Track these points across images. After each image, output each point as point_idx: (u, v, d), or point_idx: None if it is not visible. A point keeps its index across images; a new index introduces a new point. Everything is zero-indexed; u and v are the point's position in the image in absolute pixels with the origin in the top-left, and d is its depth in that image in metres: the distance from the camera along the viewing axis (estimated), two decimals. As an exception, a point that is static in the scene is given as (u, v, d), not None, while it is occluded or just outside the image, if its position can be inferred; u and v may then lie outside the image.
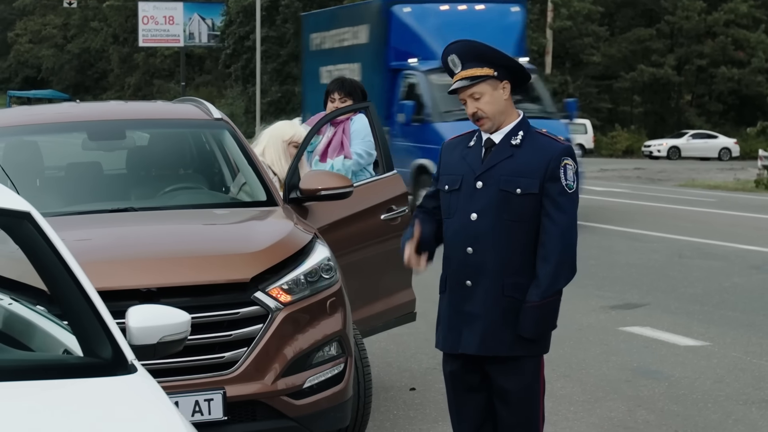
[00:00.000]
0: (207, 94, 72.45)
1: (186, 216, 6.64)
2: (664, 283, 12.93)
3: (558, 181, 4.74)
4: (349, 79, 8.66)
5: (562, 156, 4.79)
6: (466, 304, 4.84)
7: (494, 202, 4.77)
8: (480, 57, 4.79)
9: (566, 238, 4.75)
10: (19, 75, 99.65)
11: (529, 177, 4.75)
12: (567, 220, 4.75)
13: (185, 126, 7.52)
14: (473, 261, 4.80)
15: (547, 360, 8.77)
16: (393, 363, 8.97)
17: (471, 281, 4.82)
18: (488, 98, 4.80)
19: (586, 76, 61.25)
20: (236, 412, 5.66)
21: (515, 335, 4.81)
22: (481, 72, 4.78)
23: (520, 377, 4.88)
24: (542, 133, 4.90)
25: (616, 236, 17.64)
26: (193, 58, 77.58)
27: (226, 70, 71.74)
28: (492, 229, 4.77)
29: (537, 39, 59.56)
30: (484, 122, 4.82)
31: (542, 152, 4.79)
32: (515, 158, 4.79)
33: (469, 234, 4.80)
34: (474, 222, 4.79)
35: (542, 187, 4.75)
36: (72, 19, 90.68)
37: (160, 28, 67.89)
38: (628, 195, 28.20)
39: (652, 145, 56.36)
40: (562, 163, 4.77)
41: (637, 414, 7.51)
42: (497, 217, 4.76)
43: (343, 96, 8.12)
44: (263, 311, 5.72)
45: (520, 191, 4.75)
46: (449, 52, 4.84)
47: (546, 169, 4.75)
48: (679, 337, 9.91)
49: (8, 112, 7.99)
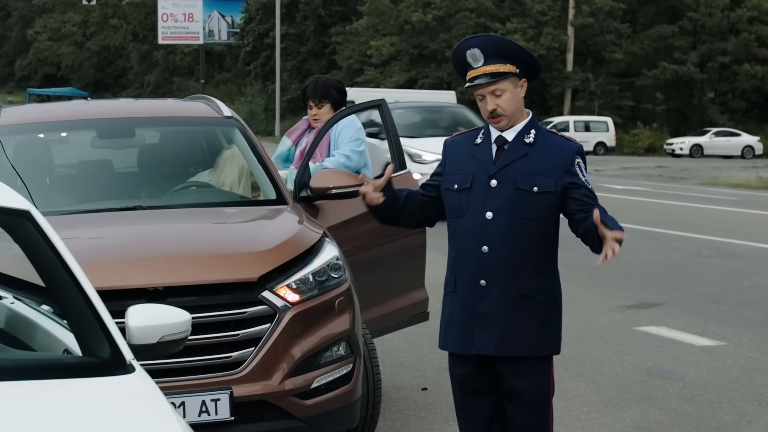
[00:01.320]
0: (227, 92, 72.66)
1: (194, 215, 6.61)
2: (682, 283, 12.85)
3: (578, 177, 4.71)
4: (323, 79, 8.16)
5: (575, 155, 4.76)
6: (481, 304, 4.77)
7: (511, 200, 4.70)
8: (504, 53, 4.72)
9: None
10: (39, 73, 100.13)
11: (545, 175, 4.70)
12: None
13: (195, 124, 7.50)
14: (488, 260, 4.73)
15: (561, 360, 8.78)
16: (405, 362, 8.92)
17: (485, 281, 4.75)
18: (509, 96, 4.73)
19: (607, 74, 61.08)
20: (243, 413, 5.62)
21: (532, 335, 4.76)
22: (504, 68, 4.70)
23: (532, 377, 4.83)
24: (553, 132, 4.88)
25: (635, 235, 17.52)
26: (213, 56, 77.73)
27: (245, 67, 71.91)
28: (509, 228, 4.70)
29: (558, 36, 59.49)
30: (501, 120, 4.76)
31: (557, 151, 4.75)
32: (530, 157, 4.74)
33: (484, 233, 4.73)
34: (490, 221, 4.72)
35: (559, 185, 4.70)
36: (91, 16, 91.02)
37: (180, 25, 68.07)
38: (649, 193, 28.08)
39: (675, 143, 56.13)
40: (576, 161, 4.74)
41: (650, 414, 7.45)
42: (514, 216, 4.70)
43: (317, 101, 7.86)
44: (271, 311, 5.68)
45: (537, 189, 4.70)
46: (469, 45, 4.74)
47: (562, 168, 4.71)
48: (694, 337, 9.84)
49: (18, 109, 7.97)
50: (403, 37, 60.64)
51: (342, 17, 67.40)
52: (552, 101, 62.75)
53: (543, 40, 58.82)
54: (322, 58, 67.82)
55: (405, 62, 60.83)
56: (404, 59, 60.92)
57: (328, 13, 68.27)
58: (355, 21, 64.15)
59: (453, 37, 56.32)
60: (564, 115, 59.10)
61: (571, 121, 55.00)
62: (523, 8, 60.20)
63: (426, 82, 60.31)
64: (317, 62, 67.74)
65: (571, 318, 10.62)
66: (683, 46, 60.69)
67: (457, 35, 56.93)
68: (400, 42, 60.69)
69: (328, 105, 7.85)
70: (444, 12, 59.42)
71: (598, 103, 60.42)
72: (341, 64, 64.28)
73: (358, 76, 61.81)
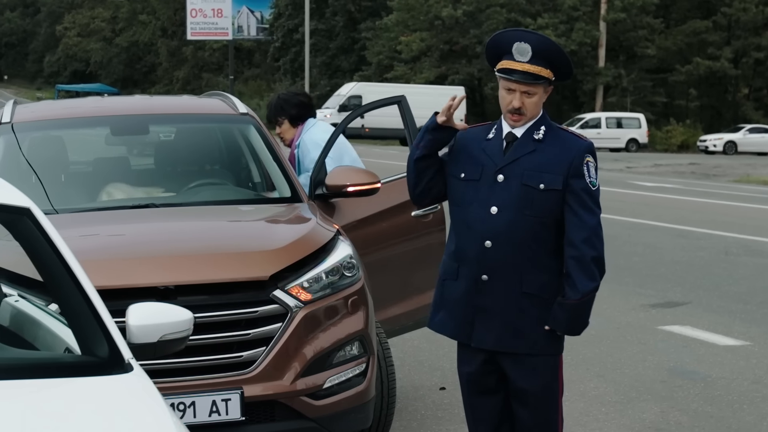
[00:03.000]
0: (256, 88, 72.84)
1: (207, 212, 6.56)
2: (708, 281, 12.72)
3: (582, 177, 4.65)
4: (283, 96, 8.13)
5: (585, 153, 4.70)
6: (481, 298, 4.74)
7: (516, 197, 4.66)
8: (550, 58, 4.68)
9: (597, 237, 4.64)
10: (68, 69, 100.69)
11: (553, 173, 4.65)
12: (595, 220, 4.65)
13: (210, 121, 7.45)
14: (491, 256, 4.69)
15: (582, 359, 8.72)
16: (425, 361, 8.85)
17: (487, 276, 4.71)
18: (537, 99, 4.72)
19: (640, 70, 60.83)
20: (254, 413, 5.56)
21: (534, 333, 4.71)
22: (545, 73, 4.68)
23: (539, 377, 4.78)
24: (564, 129, 4.83)
25: (663, 233, 17.40)
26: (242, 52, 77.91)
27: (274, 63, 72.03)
28: (513, 225, 4.66)
29: (590, 31, 59.27)
30: (521, 119, 4.73)
31: (565, 148, 4.70)
32: (538, 153, 4.69)
33: (488, 228, 4.69)
34: (494, 216, 4.68)
35: (565, 184, 4.64)
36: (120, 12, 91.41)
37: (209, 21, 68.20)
38: (680, 191, 27.89)
39: (708, 140, 55.75)
40: (585, 160, 4.68)
41: (669, 415, 7.36)
42: (519, 213, 4.66)
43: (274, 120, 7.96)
44: (282, 310, 5.61)
45: (543, 187, 4.65)
46: (522, 39, 4.67)
47: (570, 166, 4.66)
48: (718, 337, 9.73)
49: (33, 106, 7.94)
50: (433, 33, 60.56)
51: (372, 12, 67.38)
52: (584, 97, 62.54)
53: (575, 36, 58.62)
54: (352, 54, 67.85)
55: (435, 58, 60.75)
56: (434, 55, 60.84)
57: (358, 8, 68.27)
58: (385, 16, 64.12)
59: (483, 33, 56.22)
60: (596, 111, 58.83)
61: (603, 118, 54.75)
62: (555, 3, 60.00)
63: (456, 78, 60.25)
64: (347, 58, 67.79)
65: (594, 317, 10.45)
66: (717, 41, 60.36)
67: (487, 31, 56.82)
68: (430, 37, 60.61)
69: (285, 121, 7.93)
70: (474, 7, 59.29)
71: (631, 100, 60.16)
72: (371, 59, 64.27)
73: (388, 72, 61.82)
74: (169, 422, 3.30)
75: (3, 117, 7.08)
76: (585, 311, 4.73)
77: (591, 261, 4.61)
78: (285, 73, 70.51)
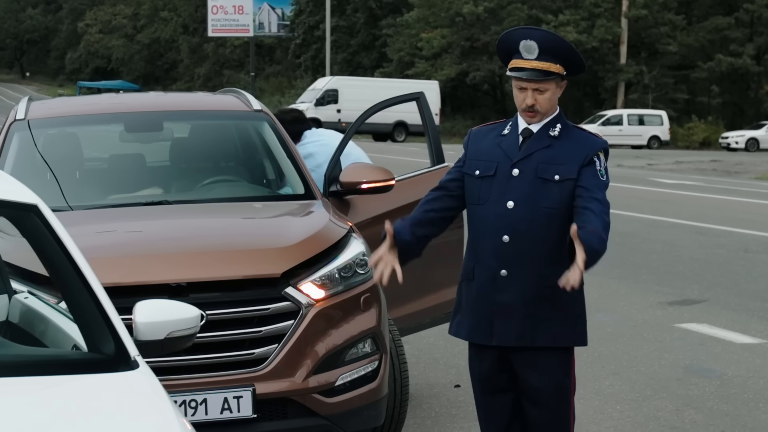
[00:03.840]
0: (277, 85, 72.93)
1: (220, 209, 6.57)
2: (727, 279, 12.66)
3: (593, 166, 4.65)
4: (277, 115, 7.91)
5: (600, 150, 4.71)
6: (500, 294, 4.70)
7: (532, 190, 4.66)
8: (559, 53, 4.66)
9: (605, 218, 4.55)
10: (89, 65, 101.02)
11: (567, 164, 4.65)
12: (602, 205, 4.58)
13: (224, 117, 7.45)
14: (510, 250, 4.67)
15: (598, 357, 8.70)
16: (440, 359, 8.84)
17: (506, 270, 4.69)
18: (550, 95, 4.70)
19: (662, 66, 60.61)
20: (266, 410, 5.56)
21: (554, 326, 4.69)
22: (554, 68, 4.66)
23: (551, 374, 4.75)
24: (579, 128, 4.83)
25: (682, 230, 17.33)
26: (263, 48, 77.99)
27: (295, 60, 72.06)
28: (531, 218, 4.64)
29: (611, 28, 59.09)
30: (536, 116, 4.72)
31: (581, 144, 4.70)
32: (553, 148, 4.69)
33: (505, 222, 4.67)
34: (511, 210, 4.66)
35: (579, 173, 4.64)
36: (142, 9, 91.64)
37: (230, 17, 68.29)
38: (700, 188, 27.76)
39: (730, 137, 55.47)
40: (598, 154, 4.69)
41: (684, 413, 7.33)
42: (535, 206, 4.65)
43: None
44: (294, 307, 5.61)
45: (558, 178, 4.64)
46: (527, 36, 4.67)
47: (584, 160, 4.66)
48: (735, 335, 9.68)
49: (47, 103, 7.95)
50: (454, 29, 60.48)
51: (393, 9, 67.35)
52: (605, 94, 62.37)
53: (596, 33, 58.45)
54: (373, 51, 67.83)
55: (456, 55, 60.67)
56: (455, 52, 60.75)
57: (379, 5, 68.24)
58: (406, 13, 64.06)
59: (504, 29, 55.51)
60: (617, 108, 58.66)
61: (624, 115, 54.56)
62: (576, 0, 59.85)
63: (477, 75, 60.21)
64: (368, 55, 67.78)
65: (611, 314, 10.54)
66: (739, 38, 60.09)
67: (508, 27, 56.45)
68: (451, 34, 60.53)
69: None
70: (495, 4, 59.19)
71: (652, 96, 59.96)
72: (392, 56, 64.24)
73: (409, 69, 61.75)
74: (173, 420, 3.30)
75: (18, 114, 7.10)
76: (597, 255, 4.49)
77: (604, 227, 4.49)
78: (306, 70, 70.53)
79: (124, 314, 3.95)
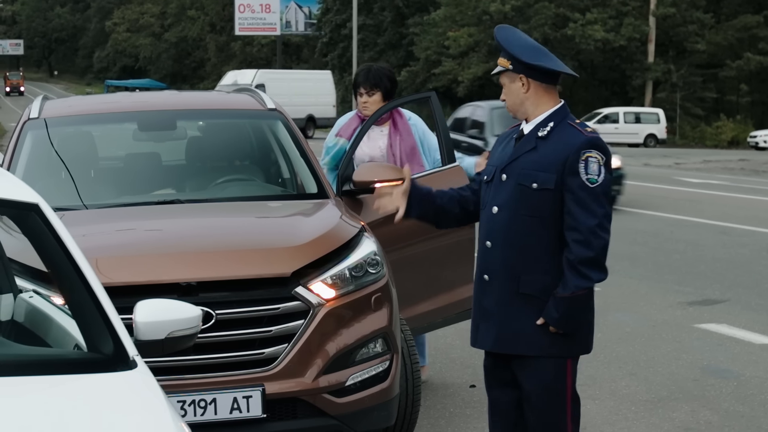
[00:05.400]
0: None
1: (231, 209, 6.56)
2: (748, 279, 12.57)
3: (577, 175, 4.55)
4: (376, 67, 7.90)
5: (582, 149, 4.57)
6: (484, 298, 4.75)
7: (513, 196, 4.65)
8: (503, 47, 4.69)
9: (595, 236, 4.51)
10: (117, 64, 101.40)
11: (547, 171, 4.59)
12: (593, 220, 4.52)
13: (237, 116, 7.45)
14: (491, 255, 4.70)
15: (615, 358, 8.65)
16: (456, 359, 8.80)
17: (488, 276, 4.72)
18: (506, 90, 4.74)
19: (690, 65, 60.28)
20: (276, 410, 5.54)
21: (534, 334, 4.65)
22: (502, 63, 4.72)
23: (540, 378, 4.72)
24: (573, 124, 4.69)
25: (705, 230, 17.23)
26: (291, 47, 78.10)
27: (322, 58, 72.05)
28: (509, 224, 4.65)
29: (639, 26, 58.81)
30: (515, 114, 4.76)
31: (563, 145, 4.61)
32: (537, 151, 4.65)
33: (489, 227, 4.71)
34: (494, 215, 4.70)
35: (561, 183, 4.57)
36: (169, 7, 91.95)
37: (257, 16, 68.38)
38: (726, 187, 27.59)
39: (759, 136, 55.06)
40: (583, 156, 4.56)
41: (700, 414, 7.27)
42: (515, 212, 4.64)
43: (369, 89, 7.67)
44: (305, 306, 5.58)
45: (536, 186, 4.61)
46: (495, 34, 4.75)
47: (564, 163, 4.57)
48: (755, 335, 9.61)
49: (62, 101, 7.96)
50: (481, 28, 60.32)
51: (420, 8, 67.28)
52: (633, 93, 62.10)
53: (624, 31, 58.21)
54: (400, 50, 67.77)
55: (483, 53, 60.53)
56: (482, 50, 60.61)
57: (406, 3, 68.19)
58: (433, 11, 63.99)
59: (532, 28, 55.95)
60: (645, 106, 58.39)
61: (621, 113, 53.88)
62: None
63: (504, 74, 59.92)
64: (395, 53, 67.73)
65: (631, 314, 10.49)
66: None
67: (535, 26, 56.58)
68: (478, 33, 60.39)
69: (379, 94, 7.69)
70: (522, 2, 59.01)
71: (681, 95, 59.67)
72: (419, 55, 64.17)
73: (436, 68, 61.68)
74: (169, 420, 3.29)
75: (32, 112, 7.12)
76: (577, 308, 4.59)
77: (582, 262, 4.51)
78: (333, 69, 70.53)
79: (131, 313, 3.94)
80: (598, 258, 4.55)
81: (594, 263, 4.54)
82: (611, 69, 59.98)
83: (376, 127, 7.71)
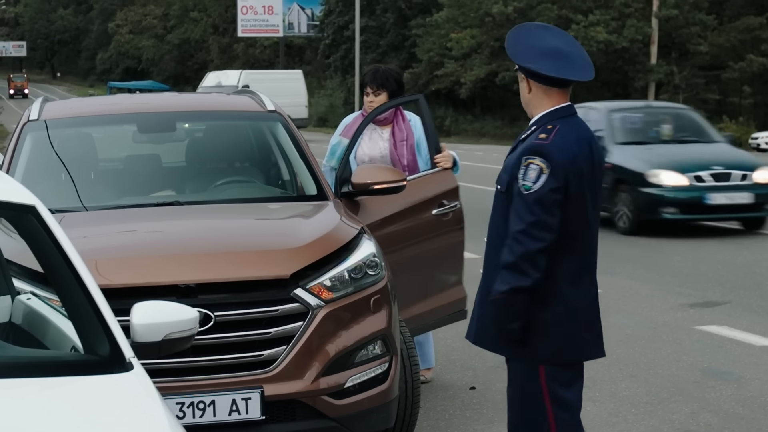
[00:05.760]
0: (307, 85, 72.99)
1: (230, 210, 6.56)
2: (750, 281, 12.55)
3: (517, 180, 4.59)
4: (384, 68, 7.96)
5: (524, 154, 4.58)
6: (477, 293, 4.87)
7: (496, 199, 4.76)
8: None
9: (518, 242, 4.51)
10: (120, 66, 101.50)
11: (507, 174, 4.67)
12: (516, 225, 4.53)
13: (237, 118, 7.45)
14: (485, 253, 4.82)
15: (616, 359, 8.63)
16: (456, 361, 8.80)
17: (482, 272, 4.83)
18: (521, 89, 4.78)
19: (692, 67, 60.27)
20: (275, 412, 5.53)
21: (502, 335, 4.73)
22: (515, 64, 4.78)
23: (515, 379, 4.80)
24: (548, 128, 4.64)
25: (706, 232, 17.22)
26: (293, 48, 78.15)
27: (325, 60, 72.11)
28: (489, 225, 4.78)
29: (642, 28, 58.80)
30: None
31: (521, 148, 4.67)
32: (512, 154, 4.73)
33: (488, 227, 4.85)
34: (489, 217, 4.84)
35: (509, 187, 4.65)
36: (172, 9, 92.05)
37: (260, 18, 68.42)
38: (728, 188, 27.57)
39: (760, 137, 55.05)
40: (525, 162, 4.56)
41: (699, 416, 7.26)
42: (494, 214, 4.77)
43: (375, 89, 7.73)
44: (303, 308, 5.58)
45: (499, 188, 4.73)
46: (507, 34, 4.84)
47: (515, 167, 4.62)
48: (756, 337, 9.59)
49: (62, 103, 7.96)
50: (484, 30, 60.35)
51: (422, 9, 67.30)
52: (636, 94, 62.06)
53: (626, 32, 58.20)
54: (402, 51, 67.80)
55: (485, 55, 60.54)
56: (485, 52, 60.62)
57: (408, 5, 68.21)
58: (435, 13, 64.00)
59: (534, 30, 55.86)
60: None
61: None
62: (607, 0, 59.63)
63: (507, 75, 59.98)
64: (397, 55, 67.74)
65: (631, 316, 10.48)
66: (771, 38, 59.68)
67: (538, 28, 56.49)
68: (481, 34, 60.41)
69: (385, 94, 7.74)
70: (525, 4, 59.03)
71: (683, 97, 59.66)
72: (421, 57, 64.19)
73: (438, 69, 61.69)
74: (164, 422, 3.28)
75: (31, 114, 7.12)
76: (502, 310, 4.57)
77: (504, 266, 4.54)
78: (335, 70, 70.58)
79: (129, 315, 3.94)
80: (517, 264, 4.50)
81: (512, 268, 4.51)
82: (614, 71, 59.94)
83: (377, 128, 7.74)
